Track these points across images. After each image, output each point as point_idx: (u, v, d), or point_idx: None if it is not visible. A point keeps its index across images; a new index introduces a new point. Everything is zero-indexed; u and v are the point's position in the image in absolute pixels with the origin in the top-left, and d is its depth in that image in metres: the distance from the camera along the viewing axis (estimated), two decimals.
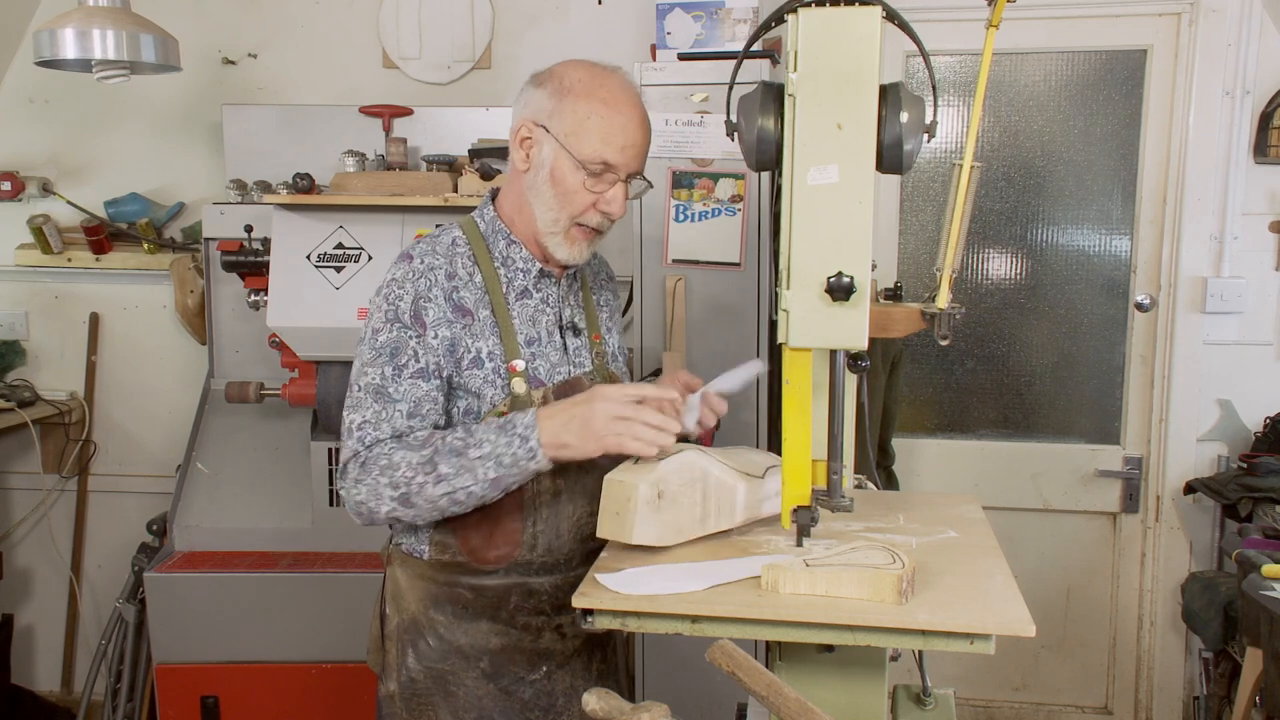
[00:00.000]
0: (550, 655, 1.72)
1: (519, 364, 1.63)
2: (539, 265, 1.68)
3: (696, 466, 1.51)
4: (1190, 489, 3.04)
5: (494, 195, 1.74)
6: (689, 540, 1.51)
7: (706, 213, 2.63)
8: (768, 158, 1.39)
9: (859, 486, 1.83)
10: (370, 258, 2.76)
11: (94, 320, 3.45)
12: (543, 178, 1.61)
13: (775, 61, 2.60)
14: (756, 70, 2.52)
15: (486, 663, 1.69)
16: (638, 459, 1.52)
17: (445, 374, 1.60)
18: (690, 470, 1.50)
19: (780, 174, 1.40)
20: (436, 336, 1.59)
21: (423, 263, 1.61)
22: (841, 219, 1.33)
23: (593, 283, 1.84)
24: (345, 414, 1.61)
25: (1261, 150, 3.01)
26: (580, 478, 1.67)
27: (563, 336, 1.70)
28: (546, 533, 1.66)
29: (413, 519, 1.57)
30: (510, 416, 1.54)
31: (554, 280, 1.71)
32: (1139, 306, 3.18)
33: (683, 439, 1.60)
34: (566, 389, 1.66)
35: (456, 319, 1.60)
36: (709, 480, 1.52)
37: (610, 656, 1.85)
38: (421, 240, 1.67)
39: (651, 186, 1.70)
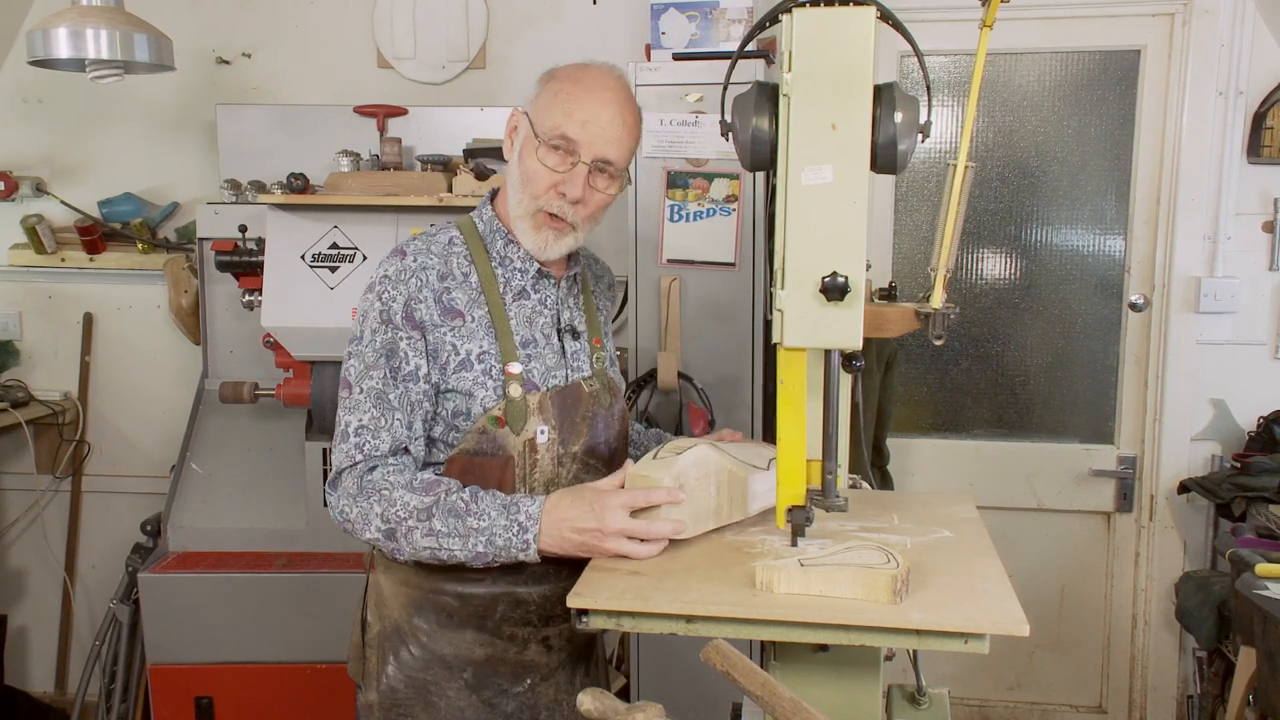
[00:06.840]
0: (535, 668, 1.68)
1: (515, 367, 1.60)
2: (537, 265, 1.65)
3: (711, 461, 1.54)
4: (1184, 488, 3.05)
5: (493, 196, 1.72)
6: (701, 533, 1.53)
7: (701, 213, 2.63)
8: (762, 158, 1.39)
9: (854, 486, 1.83)
10: (365, 258, 2.76)
11: (88, 320, 3.44)
12: (514, 161, 1.62)
13: (770, 61, 2.60)
14: (751, 70, 2.52)
15: (470, 673, 1.65)
16: (656, 454, 1.55)
17: (434, 380, 1.59)
18: (705, 464, 1.53)
19: (775, 174, 1.40)
20: (424, 340, 1.57)
21: (415, 260, 1.59)
22: (836, 219, 1.33)
23: (594, 286, 1.82)
24: (341, 414, 1.58)
25: (1254, 150, 3.01)
26: (573, 486, 1.63)
27: (561, 339, 1.68)
28: None
29: (391, 552, 1.56)
30: (516, 500, 1.52)
31: (553, 282, 1.68)
32: (1133, 306, 3.19)
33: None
34: (565, 396, 1.64)
35: (444, 322, 1.58)
36: (722, 474, 1.55)
37: (593, 670, 1.82)
38: (417, 238, 1.65)
39: (630, 182, 1.69)
